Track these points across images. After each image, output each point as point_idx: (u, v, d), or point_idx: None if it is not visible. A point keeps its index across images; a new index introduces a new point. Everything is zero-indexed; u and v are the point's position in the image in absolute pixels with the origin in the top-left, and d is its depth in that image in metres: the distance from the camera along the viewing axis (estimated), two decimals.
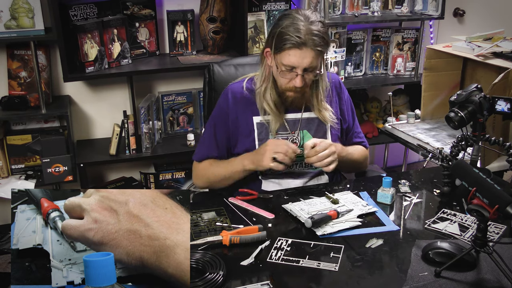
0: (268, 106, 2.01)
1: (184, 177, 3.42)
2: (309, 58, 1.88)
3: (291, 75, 1.92)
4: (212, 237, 1.60)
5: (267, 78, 2.01)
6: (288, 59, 1.89)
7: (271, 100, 2.01)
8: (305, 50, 1.86)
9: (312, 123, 2.09)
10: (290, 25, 1.86)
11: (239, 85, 2.11)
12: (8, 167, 3.10)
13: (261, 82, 2.03)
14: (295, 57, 1.88)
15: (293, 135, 2.07)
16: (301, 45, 1.85)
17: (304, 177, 2.09)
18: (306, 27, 1.86)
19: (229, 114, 2.07)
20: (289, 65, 1.90)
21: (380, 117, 3.86)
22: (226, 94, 2.10)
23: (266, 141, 1.98)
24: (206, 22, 3.21)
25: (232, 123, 2.07)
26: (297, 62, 1.88)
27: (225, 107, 2.08)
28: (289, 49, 1.87)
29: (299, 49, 1.86)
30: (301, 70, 1.90)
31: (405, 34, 3.69)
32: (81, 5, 2.92)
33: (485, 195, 1.39)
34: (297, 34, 1.84)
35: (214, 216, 1.77)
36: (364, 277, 1.46)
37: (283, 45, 1.87)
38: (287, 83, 1.96)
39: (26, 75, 3.04)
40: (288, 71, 1.92)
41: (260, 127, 2.06)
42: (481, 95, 1.78)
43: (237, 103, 2.07)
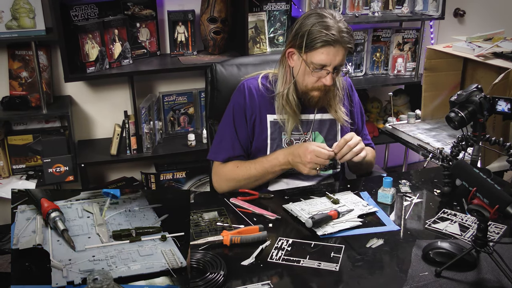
0: (289, 107, 1.99)
1: (185, 177, 3.42)
2: (340, 55, 1.88)
3: (321, 74, 1.91)
4: (213, 237, 1.60)
5: (289, 80, 1.99)
6: (320, 57, 1.87)
7: (293, 102, 1.99)
8: (338, 47, 1.86)
9: (324, 125, 2.09)
10: (320, 23, 1.85)
11: (255, 81, 2.08)
12: (9, 167, 3.10)
13: (283, 83, 2.00)
14: (328, 55, 1.86)
15: (306, 136, 2.06)
16: (335, 43, 1.84)
17: (314, 180, 2.10)
18: (336, 25, 1.85)
19: (247, 110, 2.04)
20: (320, 63, 1.88)
21: (380, 117, 3.86)
22: (242, 89, 2.06)
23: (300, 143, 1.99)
24: (207, 23, 3.21)
25: (249, 119, 2.05)
26: (329, 60, 1.87)
27: (242, 103, 2.04)
28: (322, 47, 1.85)
29: (333, 46, 1.85)
30: (332, 68, 1.89)
31: (405, 34, 3.69)
32: (82, 6, 2.93)
33: (486, 195, 1.39)
34: (331, 32, 1.83)
35: (215, 216, 1.77)
36: (364, 277, 1.46)
37: (315, 44, 1.85)
38: (315, 82, 1.94)
39: (27, 75, 3.04)
40: (319, 70, 1.90)
41: (273, 126, 2.04)
42: (481, 95, 1.78)
43: (253, 99, 2.04)
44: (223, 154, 2.06)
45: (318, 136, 2.08)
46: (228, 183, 2.03)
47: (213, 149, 2.11)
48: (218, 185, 2.07)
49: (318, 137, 2.08)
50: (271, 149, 2.05)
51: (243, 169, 2.01)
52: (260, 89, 2.05)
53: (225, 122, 2.09)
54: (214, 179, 2.08)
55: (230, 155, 2.05)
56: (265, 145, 2.05)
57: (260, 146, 2.06)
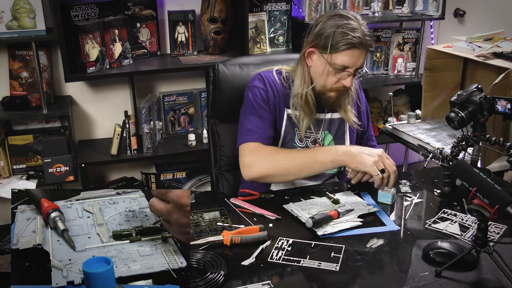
0: (308, 108, 1.98)
1: (185, 177, 3.43)
2: (363, 58, 1.89)
3: (342, 75, 1.91)
4: (213, 237, 1.60)
5: (308, 79, 1.98)
6: (344, 59, 1.87)
7: (311, 102, 1.98)
8: (361, 50, 1.87)
9: (333, 124, 2.09)
10: (344, 25, 1.85)
11: (270, 74, 2.05)
12: (9, 167, 3.11)
13: (301, 83, 1.99)
14: (352, 57, 1.86)
15: (316, 135, 2.07)
16: (359, 46, 1.85)
17: (319, 179, 2.09)
18: (360, 28, 1.85)
19: (268, 94, 2.00)
20: (343, 65, 1.88)
21: (380, 117, 3.86)
22: (260, 78, 2.02)
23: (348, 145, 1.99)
24: (207, 23, 3.21)
25: (271, 103, 2.00)
26: (352, 62, 1.88)
27: (263, 88, 2.00)
28: (347, 50, 1.85)
29: (358, 49, 1.86)
30: (353, 70, 1.90)
31: (405, 34, 3.70)
32: (82, 6, 2.93)
33: (486, 195, 1.39)
34: (356, 34, 1.83)
35: (215, 216, 1.77)
36: (364, 277, 1.46)
37: (340, 45, 1.85)
38: (335, 83, 1.93)
39: (28, 75, 3.04)
40: (340, 71, 1.90)
41: (288, 120, 2.03)
42: (482, 95, 1.78)
43: (273, 89, 2.01)
44: (257, 134, 1.94)
45: (327, 135, 2.08)
46: (266, 164, 1.87)
47: (242, 135, 1.96)
48: (253, 165, 1.88)
49: (327, 137, 2.08)
50: (283, 142, 2.04)
51: (287, 153, 1.92)
52: (277, 82, 2.03)
53: (248, 110, 2.01)
54: (249, 160, 1.89)
55: (264, 134, 1.95)
56: (278, 136, 2.04)
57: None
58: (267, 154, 1.90)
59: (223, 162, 2.27)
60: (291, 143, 2.05)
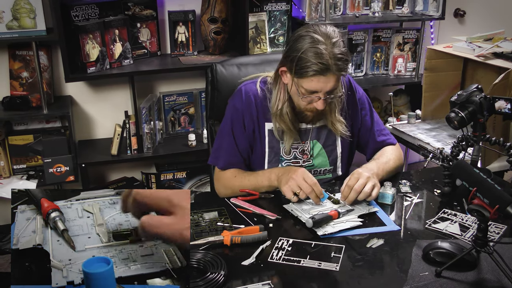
0: (285, 125, 1.96)
1: (185, 177, 3.43)
2: (332, 82, 1.80)
3: (312, 98, 1.85)
4: (213, 237, 1.60)
5: (283, 97, 1.94)
6: (310, 85, 1.80)
7: (288, 120, 1.95)
8: (328, 75, 1.77)
9: (322, 132, 2.06)
10: (311, 49, 1.75)
11: (253, 86, 2.03)
12: (9, 167, 3.11)
13: (276, 101, 1.95)
14: (319, 83, 1.79)
15: (304, 145, 2.04)
16: (325, 71, 1.76)
17: None
18: (328, 51, 1.75)
19: (245, 117, 2.00)
20: (311, 90, 1.82)
21: (381, 117, 3.85)
22: (240, 94, 2.02)
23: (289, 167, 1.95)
24: (207, 23, 3.21)
25: (248, 126, 2.02)
26: (320, 87, 1.80)
27: (240, 108, 2.00)
28: (313, 76, 1.77)
29: (323, 75, 1.77)
30: (323, 94, 1.83)
31: (405, 34, 3.70)
32: (83, 6, 2.93)
33: (486, 195, 1.39)
34: (320, 61, 1.74)
35: (215, 216, 1.77)
36: (365, 277, 1.46)
37: (304, 72, 1.77)
38: (307, 105, 1.89)
39: (28, 75, 3.04)
40: (309, 95, 1.85)
41: (271, 135, 2.02)
42: (482, 95, 1.78)
43: (251, 107, 2.00)
44: (222, 161, 2.06)
45: (316, 144, 2.06)
46: (225, 190, 2.03)
47: (213, 153, 2.11)
48: (217, 190, 2.10)
49: (317, 145, 2.06)
50: (269, 157, 2.04)
51: (239, 179, 2.00)
52: (259, 95, 2.01)
53: (224, 127, 2.06)
54: (215, 184, 2.11)
55: (229, 162, 2.05)
56: (263, 152, 2.04)
57: (258, 153, 2.05)
58: (225, 182, 2.04)
59: None
60: (277, 157, 2.04)
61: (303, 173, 1.82)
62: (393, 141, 2.16)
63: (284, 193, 1.84)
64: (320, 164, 2.07)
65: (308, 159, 2.06)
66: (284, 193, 1.84)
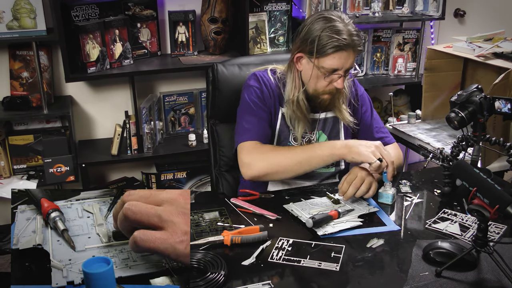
0: (300, 113, 1.97)
1: (185, 177, 3.43)
2: (351, 59, 1.86)
3: (332, 78, 1.89)
4: (214, 237, 1.60)
5: (298, 84, 1.97)
6: (332, 62, 1.85)
7: (304, 107, 1.97)
8: (349, 51, 1.84)
9: (327, 124, 2.09)
10: (329, 28, 1.82)
11: (265, 73, 2.05)
12: (10, 167, 3.11)
13: (292, 89, 1.98)
14: (340, 59, 1.84)
15: (311, 135, 2.07)
16: (346, 47, 1.82)
17: (315, 179, 2.09)
18: (345, 28, 1.82)
19: (264, 94, 2.00)
20: (332, 68, 1.86)
21: (381, 117, 3.83)
22: (255, 77, 2.03)
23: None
24: (208, 23, 3.21)
25: (268, 102, 2.01)
26: (341, 64, 1.85)
27: (259, 87, 2.01)
28: (334, 53, 1.83)
29: (345, 51, 1.83)
30: (343, 71, 1.87)
31: (406, 34, 3.70)
32: (83, 6, 2.93)
33: (486, 195, 1.39)
34: (342, 36, 1.81)
35: (216, 216, 1.77)
36: (365, 277, 1.46)
37: (327, 49, 1.82)
38: (326, 86, 1.92)
39: (28, 75, 3.04)
40: (330, 74, 1.88)
41: (283, 119, 2.04)
42: (482, 95, 1.78)
43: (268, 88, 2.02)
44: (253, 134, 1.96)
45: (321, 135, 2.08)
46: (263, 163, 1.88)
47: (239, 134, 1.99)
48: (251, 165, 1.89)
49: (322, 136, 2.08)
50: (277, 141, 2.05)
51: (285, 150, 1.93)
52: (271, 81, 2.03)
53: (244, 109, 2.03)
54: (247, 160, 1.90)
55: (260, 133, 1.97)
56: (273, 134, 2.04)
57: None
58: (265, 153, 1.90)
59: (223, 162, 2.27)
60: (286, 142, 2.05)
61: (382, 145, 1.84)
62: (391, 140, 2.18)
63: (365, 159, 1.79)
64: None
65: None
66: (365, 159, 1.79)
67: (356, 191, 1.80)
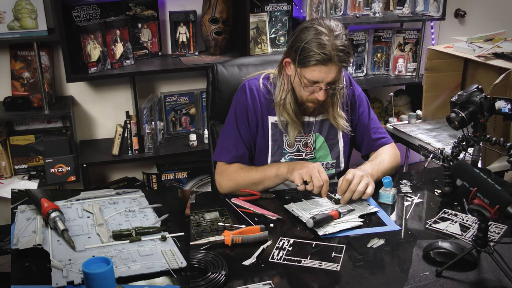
0: (288, 116, 1.99)
1: (186, 177, 3.43)
2: (333, 73, 1.84)
3: (314, 88, 1.89)
4: (214, 237, 1.60)
5: (286, 88, 1.98)
6: (312, 74, 1.84)
7: (291, 110, 1.98)
8: (330, 66, 1.81)
9: (324, 126, 2.08)
10: (314, 39, 1.80)
11: (256, 81, 2.07)
12: (11, 167, 3.11)
13: (280, 92, 1.99)
14: (320, 73, 1.83)
15: (307, 137, 2.06)
16: (327, 61, 1.80)
17: None
18: (331, 42, 1.79)
19: (249, 111, 2.03)
20: (312, 80, 1.86)
21: (381, 117, 3.86)
22: (244, 89, 2.05)
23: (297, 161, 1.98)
24: (208, 23, 3.21)
25: (251, 120, 2.04)
26: (321, 77, 1.84)
27: (244, 103, 2.03)
28: (314, 65, 1.82)
29: (325, 65, 1.81)
30: (324, 84, 1.87)
31: (406, 35, 3.70)
32: (84, 6, 2.93)
33: (486, 195, 1.39)
34: (322, 51, 1.79)
35: (216, 216, 1.77)
36: (365, 277, 1.46)
37: (307, 61, 1.82)
38: (309, 95, 1.93)
39: (29, 75, 3.04)
40: (311, 85, 1.88)
41: (274, 128, 2.05)
42: (482, 95, 1.78)
43: (255, 100, 2.03)
44: (227, 154, 2.05)
45: (318, 137, 2.08)
46: (229, 183, 2.02)
47: (217, 150, 2.11)
48: (219, 184, 2.06)
49: (319, 138, 2.08)
50: (272, 150, 2.06)
51: (245, 171, 2.01)
52: (261, 90, 2.04)
53: (228, 122, 2.09)
54: (217, 179, 2.07)
55: (233, 154, 2.05)
56: (266, 146, 2.05)
57: (262, 147, 2.06)
58: (231, 174, 2.03)
59: None
60: (280, 150, 2.06)
61: (319, 166, 1.85)
62: (389, 140, 2.18)
63: (293, 179, 1.84)
64: (322, 157, 2.09)
65: (310, 152, 2.07)
66: (293, 179, 1.84)
67: (353, 195, 1.81)
